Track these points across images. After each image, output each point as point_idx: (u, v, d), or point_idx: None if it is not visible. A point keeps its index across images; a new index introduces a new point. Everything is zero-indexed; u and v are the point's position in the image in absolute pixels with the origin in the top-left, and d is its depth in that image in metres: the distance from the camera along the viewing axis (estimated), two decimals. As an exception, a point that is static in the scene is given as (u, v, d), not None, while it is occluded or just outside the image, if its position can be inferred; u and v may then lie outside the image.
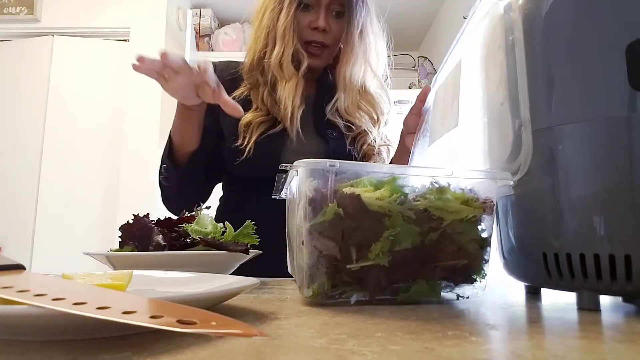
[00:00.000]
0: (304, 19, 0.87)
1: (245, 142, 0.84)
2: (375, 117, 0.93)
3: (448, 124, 0.56)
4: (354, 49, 0.89)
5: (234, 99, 0.85)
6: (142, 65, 0.69)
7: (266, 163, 0.81)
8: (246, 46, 0.98)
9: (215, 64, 0.95)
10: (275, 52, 0.86)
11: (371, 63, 0.92)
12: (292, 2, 0.85)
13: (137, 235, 0.58)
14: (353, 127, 0.91)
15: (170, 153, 0.86)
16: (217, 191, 0.99)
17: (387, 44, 0.96)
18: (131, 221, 0.60)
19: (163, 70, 0.71)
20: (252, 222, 0.63)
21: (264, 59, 0.89)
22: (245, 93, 0.90)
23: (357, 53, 0.89)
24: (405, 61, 3.56)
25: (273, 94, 0.88)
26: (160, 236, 0.57)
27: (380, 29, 0.94)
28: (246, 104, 0.87)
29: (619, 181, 0.36)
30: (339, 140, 0.90)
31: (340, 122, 0.90)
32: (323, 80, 0.96)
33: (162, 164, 0.87)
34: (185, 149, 0.85)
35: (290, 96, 0.85)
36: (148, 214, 0.61)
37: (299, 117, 0.86)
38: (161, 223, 0.60)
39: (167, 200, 0.91)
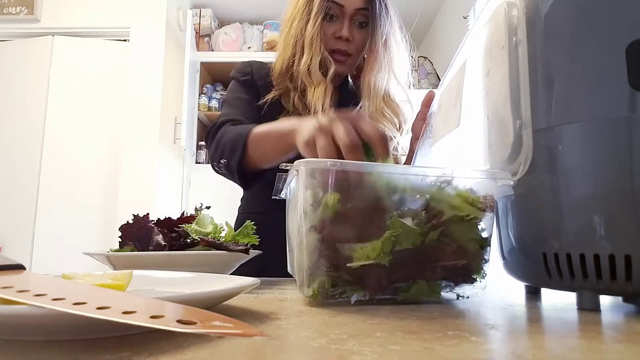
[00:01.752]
0: (329, 29, 0.91)
1: None
2: (398, 125, 0.96)
3: (450, 124, 0.56)
4: (377, 58, 0.93)
5: (267, 101, 0.91)
6: None
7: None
8: (246, 46, 0.99)
9: (251, 64, 1.00)
10: (303, 59, 0.90)
11: (395, 71, 0.96)
12: (319, 12, 0.89)
13: (136, 235, 0.58)
14: (388, 128, 0.93)
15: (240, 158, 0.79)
16: (237, 190, 0.97)
17: (409, 53, 1.00)
18: (131, 221, 0.60)
19: None
20: (252, 223, 0.63)
21: (292, 66, 0.92)
22: (277, 97, 0.93)
23: (380, 62, 0.93)
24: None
25: (303, 99, 0.91)
26: (160, 236, 0.57)
27: (402, 39, 0.98)
28: (276, 108, 0.91)
29: (619, 181, 0.36)
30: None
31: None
32: (346, 88, 1.00)
33: (221, 158, 0.82)
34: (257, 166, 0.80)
35: (320, 100, 0.88)
36: (148, 214, 0.61)
37: None
38: (161, 223, 0.60)
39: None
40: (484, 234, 0.42)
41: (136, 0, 2.81)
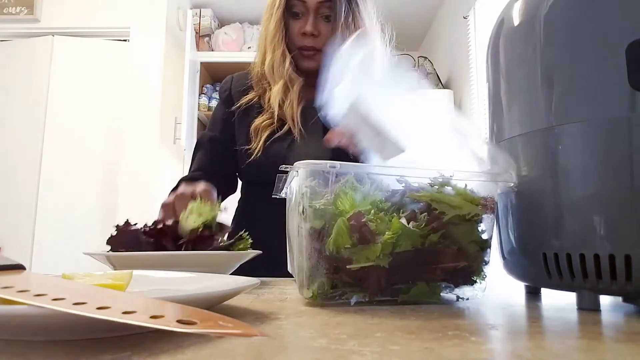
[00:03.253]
0: (294, 26, 0.91)
1: (254, 146, 0.87)
2: None
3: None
4: None
5: (241, 105, 0.93)
6: None
7: (272, 165, 0.84)
8: (246, 46, 1.01)
9: (232, 77, 1.02)
10: (267, 58, 0.92)
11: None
12: (279, 8, 0.89)
13: (125, 243, 0.58)
14: None
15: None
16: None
17: (386, 43, 0.97)
18: (114, 233, 0.59)
19: None
20: (246, 232, 0.64)
21: (263, 66, 0.94)
22: (255, 99, 0.94)
23: None
24: (405, 61, 3.56)
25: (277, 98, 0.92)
26: (144, 237, 0.58)
27: (374, 28, 0.94)
28: (254, 110, 0.92)
29: (619, 181, 0.36)
30: None
31: None
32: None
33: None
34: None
35: (276, 98, 0.89)
36: (127, 220, 0.61)
37: (298, 118, 0.89)
38: (149, 233, 0.60)
39: None
40: (484, 236, 0.42)
41: (136, 0, 2.80)
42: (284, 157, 0.87)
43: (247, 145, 0.89)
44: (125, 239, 0.58)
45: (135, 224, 0.60)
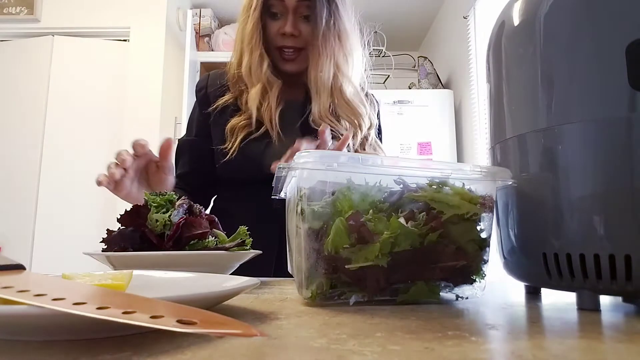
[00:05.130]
0: (273, 27, 0.89)
1: (230, 145, 0.87)
2: (356, 122, 0.91)
3: None
4: (319, 52, 0.88)
5: (218, 106, 0.92)
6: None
7: (248, 165, 0.86)
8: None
9: (209, 75, 1.01)
10: (245, 60, 0.90)
11: (340, 65, 0.90)
12: (256, 10, 0.88)
13: (113, 241, 0.57)
14: (338, 131, 0.88)
15: None
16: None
17: (364, 44, 0.95)
18: (104, 245, 0.58)
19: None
20: (246, 228, 0.63)
21: (240, 68, 0.92)
22: (231, 100, 0.93)
23: (323, 56, 0.88)
24: (405, 61, 3.57)
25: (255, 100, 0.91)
26: (129, 229, 0.57)
27: (355, 32, 0.93)
28: (230, 109, 0.91)
29: (619, 181, 0.36)
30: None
31: (335, 125, 0.89)
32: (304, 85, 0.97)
33: None
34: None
35: (254, 102, 0.88)
36: (107, 229, 0.60)
37: (277, 120, 0.88)
38: (125, 219, 0.59)
39: None
40: (483, 235, 0.42)
41: (136, 0, 2.81)
42: (260, 157, 0.86)
43: (222, 145, 0.88)
44: (113, 239, 0.58)
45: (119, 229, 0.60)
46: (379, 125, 1.03)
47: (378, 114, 1.02)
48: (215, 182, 0.97)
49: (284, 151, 0.86)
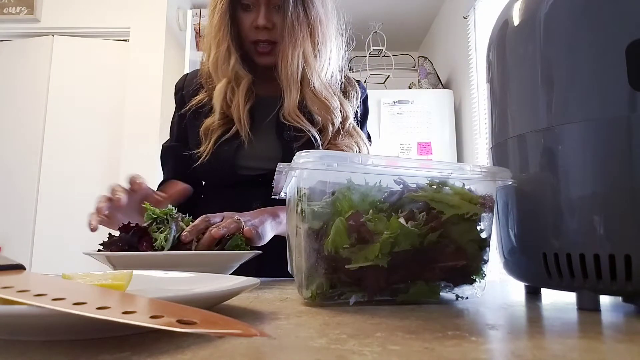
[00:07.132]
0: (246, 20, 0.84)
1: (204, 148, 0.85)
2: (328, 117, 0.86)
3: None
4: (286, 42, 0.84)
5: (191, 107, 0.89)
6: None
7: (220, 167, 0.84)
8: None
9: (186, 75, 0.99)
10: (211, 55, 0.87)
11: (307, 56, 0.85)
12: (223, 1, 0.84)
13: (112, 245, 0.58)
14: (307, 128, 0.85)
15: None
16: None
17: (341, 31, 0.91)
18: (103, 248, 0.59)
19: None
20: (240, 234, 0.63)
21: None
22: (206, 99, 0.90)
23: (289, 46, 0.83)
24: (405, 61, 3.57)
25: (225, 97, 0.87)
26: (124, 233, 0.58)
27: (328, 17, 0.88)
28: (205, 110, 0.88)
29: (619, 181, 0.36)
30: (298, 140, 0.85)
31: (303, 123, 0.86)
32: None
33: None
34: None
35: (218, 99, 0.84)
36: (109, 233, 0.62)
37: (246, 119, 0.85)
38: (124, 227, 0.60)
39: None
40: (483, 235, 0.42)
41: (136, 0, 2.81)
42: (232, 159, 0.84)
43: (198, 148, 0.85)
44: (112, 241, 0.58)
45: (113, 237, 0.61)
46: (366, 111, 0.98)
47: (365, 100, 0.98)
48: (200, 184, 0.95)
49: (257, 152, 0.84)
